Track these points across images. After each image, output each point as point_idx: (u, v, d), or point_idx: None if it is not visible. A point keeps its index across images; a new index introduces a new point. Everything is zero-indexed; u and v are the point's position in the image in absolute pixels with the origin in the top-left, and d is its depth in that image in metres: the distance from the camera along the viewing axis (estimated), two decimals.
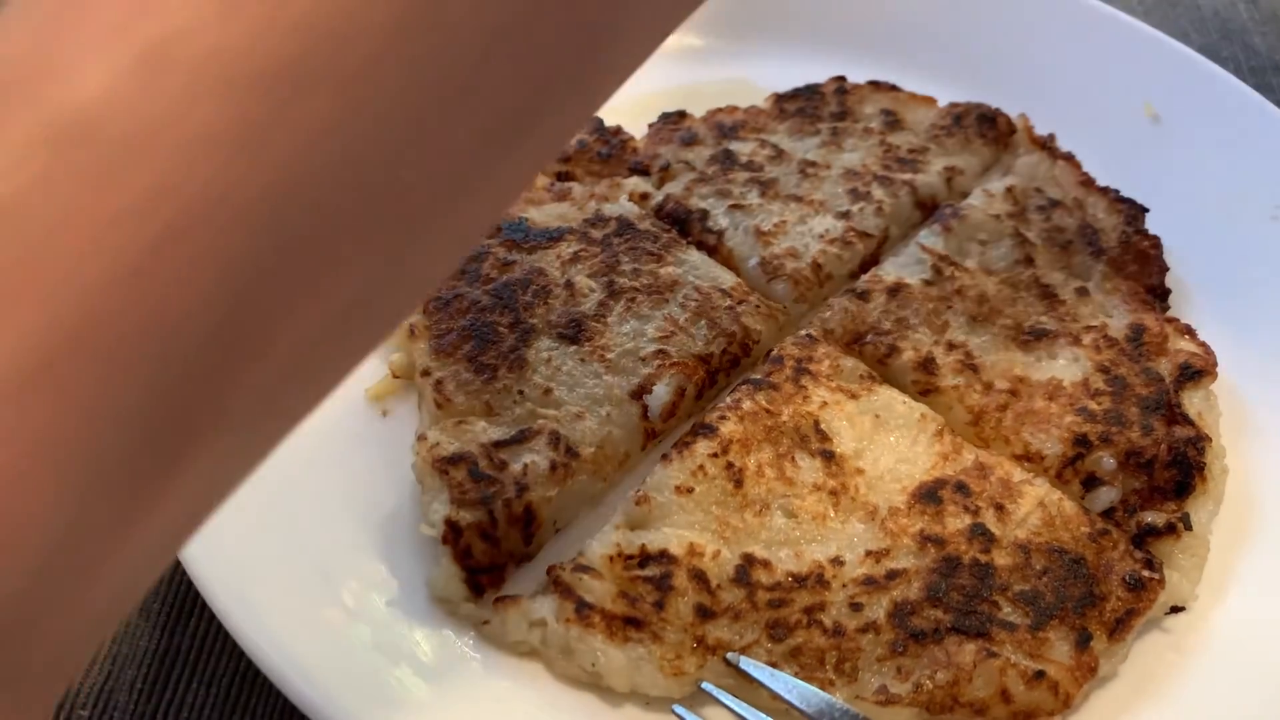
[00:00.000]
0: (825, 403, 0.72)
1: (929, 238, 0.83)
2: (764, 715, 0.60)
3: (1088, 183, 0.88)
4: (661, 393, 0.72)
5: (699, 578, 0.64)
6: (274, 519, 0.65)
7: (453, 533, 0.65)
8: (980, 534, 0.67)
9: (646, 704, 0.62)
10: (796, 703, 0.60)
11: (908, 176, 0.87)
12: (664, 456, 0.70)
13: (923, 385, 0.75)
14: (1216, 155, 0.91)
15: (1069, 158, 0.90)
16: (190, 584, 0.66)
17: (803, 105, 0.93)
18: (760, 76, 0.98)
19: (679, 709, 0.61)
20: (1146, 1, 1.15)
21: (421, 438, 0.70)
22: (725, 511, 0.67)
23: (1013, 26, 1.00)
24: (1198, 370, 0.76)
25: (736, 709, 0.61)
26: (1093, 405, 0.73)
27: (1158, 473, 0.71)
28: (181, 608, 0.66)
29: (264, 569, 0.62)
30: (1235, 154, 0.91)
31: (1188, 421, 0.73)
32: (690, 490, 0.67)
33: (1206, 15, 1.13)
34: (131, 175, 0.25)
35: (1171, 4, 1.14)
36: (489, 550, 0.66)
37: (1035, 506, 0.69)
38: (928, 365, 0.75)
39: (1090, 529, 0.68)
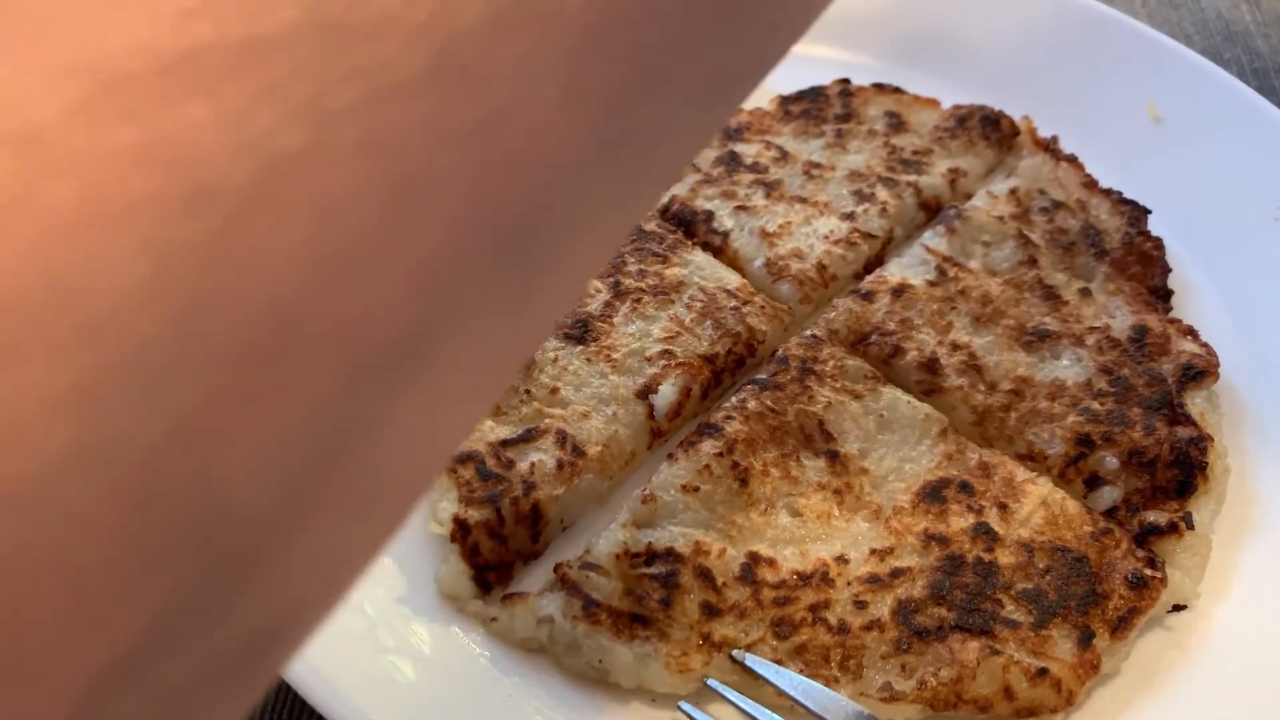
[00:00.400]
0: (830, 403, 0.73)
1: (933, 239, 0.83)
2: (769, 712, 0.61)
3: (1091, 184, 0.88)
4: (667, 392, 0.73)
5: (705, 575, 0.65)
6: None
7: (461, 531, 0.65)
8: (984, 533, 0.68)
9: (653, 700, 0.63)
10: (801, 699, 0.60)
11: (912, 178, 0.88)
12: (670, 456, 0.70)
13: (927, 385, 0.75)
14: (1219, 157, 0.92)
15: (1072, 160, 0.90)
16: None
17: (807, 107, 0.93)
18: (765, 78, 0.98)
19: (685, 705, 0.62)
20: (1150, 4, 1.15)
21: None
22: (730, 510, 0.68)
23: (1016, 29, 1.01)
24: (1200, 371, 0.76)
25: (742, 705, 0.61)
26: (1095, 405, 0.74)
27: (1160, 472, 0.71)
28: None
29: None
30: (1237, 156, 0.91)
31: (1190, 421, 0.73)
32: (696, 489, 0.68)
33: (1209, 18, 1.13)
34: None
35: (1174, 6, 1.15)
36: (497, 548, 0.66)
37: (1038, 506, 0.69)
38: (932, 366, 0.76)
39: (1093, 528, 0.68)
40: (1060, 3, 1.01)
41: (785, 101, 0.94)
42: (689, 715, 0.61)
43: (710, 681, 0.62)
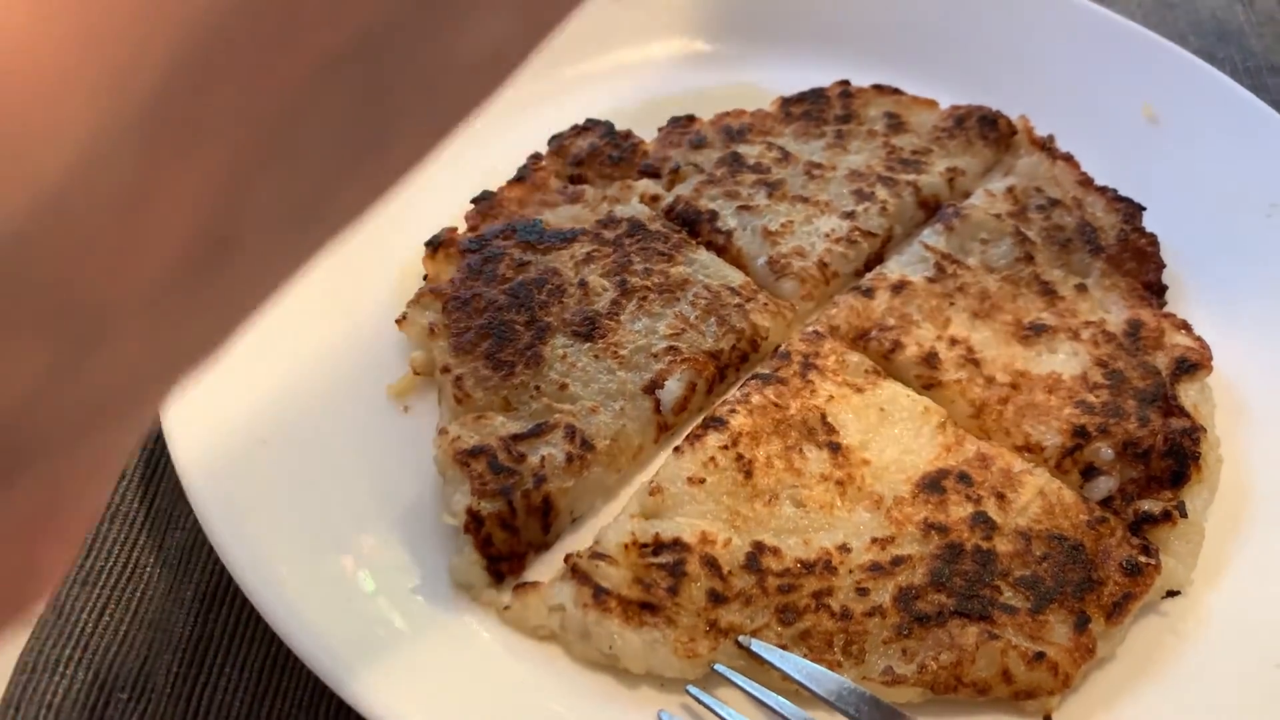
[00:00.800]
0: (832, 396, 0.75)
1: (932, 236, 0.85)
2: (776, 696, 0.63)
3: (1086, 182, 0.90)
4: (673, 387, 0.75)
5: (711, 564, 0.67)
6: (303, 511, 0.68)
7: (474, 522, 0.67)
8: (982, 522, 0.69)
9: (661, 685, 0.65)
10: (806, 683, 0.62)
11: (911, 177, 0.90)
12: (676, 449, 0.72)
13: (926, 379, 0.77)
14: (1213, 155, 0.93)
15: (1068, 158, 0.92)
16: (222, 573, 0.69)
17: (808, 109, 0.95)
18: (766, 81, 1.00)
19: (693, 690, 0.63)
20: (1145, 4, 1.17)
21: (442, 431, 0.72)
22: (736, 501, 0.70)
23: (1013, 30, 1.03)
24: (1193, 363, 0.78)
25: (749, 689, 0.63)
26: (1091, 398, 0.76)
27: (1154, 462, 0.73)
28: (214, 596, 0.69)
29: (295, 558, 0.65)
30: (1231, 153, 0.93)
31: (1183, 413, 0.75)
32: (702, 481, 0.70)
33: (1204, 17, 1.15)
34: None
35: (1169, 6, 1.17)
36: (509, 539, 0.68)
37: (1035, 495, 0.71)
38: (931, 360, 0.78)
39: (1089, 516, 0.70)
40: (1057, 3, 1.03)
41: (786, 103, 0.96)
42: (697, 699, 0.63)
43: (717, 666, 0.64)
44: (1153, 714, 0.65)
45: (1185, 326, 0.81)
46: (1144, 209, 0.88)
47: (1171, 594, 0.70)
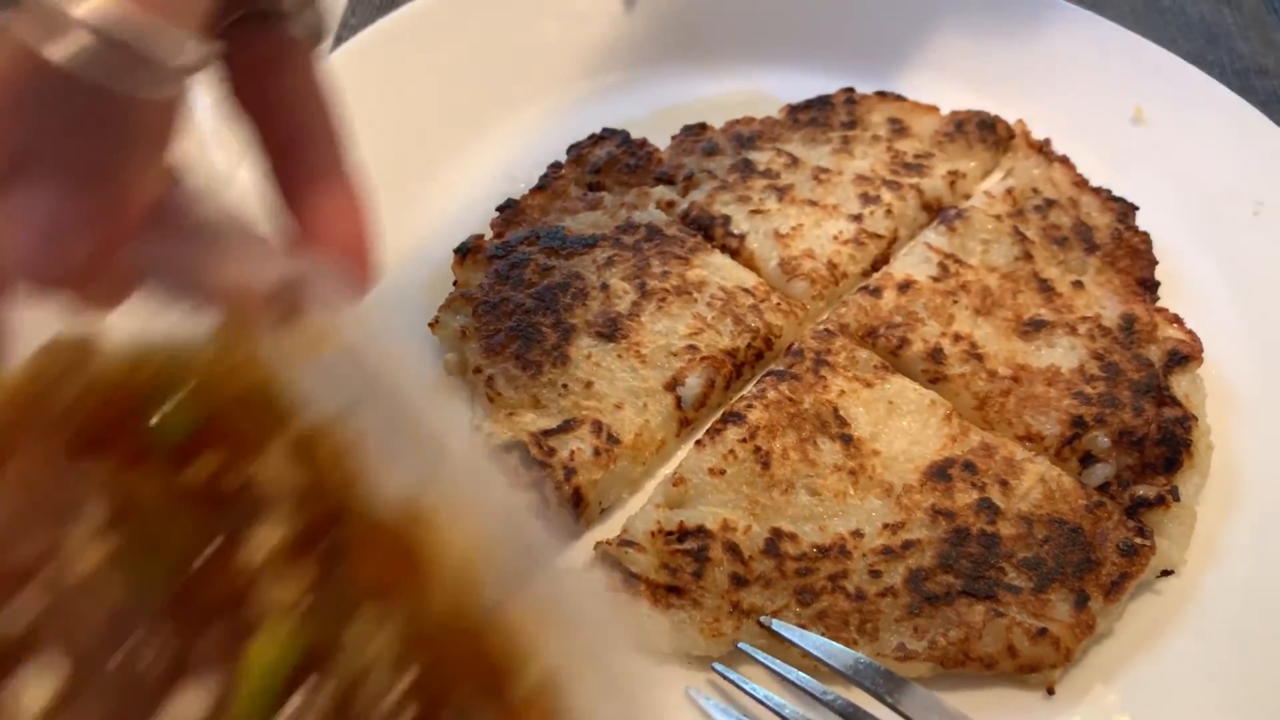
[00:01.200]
0: (843, 391, 0.79)
1: (935, 237, 0.90)
2: (796, 671, 0.67)
3: (1082, 183, 0.94)
4: (693, 384, 0.79)
5: (733, 550, 0.71)
6: None
7: None
8: (986, 507, 0.74)
9: (688, 663, 0.69)
10: (825, 659, 0.66)
11: (914, 180, 0.94)
12: (697, 442, 0.77)
13: (932, 374, 0.81)
14: (1202, 155, 0.97)
15: (1064, 160, 0.96)
16: None
17: (815, 115, 0.99)
18: (774, 88, 1.04)
19: (718, 666, 0.68)
20: (1137, 8, 1.21)
21: (476, 428, 0.76)
22: (754, 491, 0.74)
23: (1010, 37, 1.06)
24: (1185, 355, 0.82)
25: (771, 666, 0.67)
26: (1088, 389, 0.80)
27: (1148, 450, 0.77)
28: None
29: None
30: (1220, 154, 0.97)
31: (1176, 403, 0.79)
32: (722, 472, 0.74)
33: (1193, 21, 1.19)
34: None
35: (1160, 11, 1.21)
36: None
37: (1036, 482, 0.75)
38: (936, 355, 0.82)
39: (1087, 501, 0.75)
40: (1051, 10, 1.07)
41: (794, 110, 1.00)
42: (722, 675, 0.67)
43: (741, 645, 0.68)
44: (1149, 685, 0.70)
45: (1177, 320, 0.85)
46: (1137, 208, 0.92)
47: (1166, 573, 0.74)
